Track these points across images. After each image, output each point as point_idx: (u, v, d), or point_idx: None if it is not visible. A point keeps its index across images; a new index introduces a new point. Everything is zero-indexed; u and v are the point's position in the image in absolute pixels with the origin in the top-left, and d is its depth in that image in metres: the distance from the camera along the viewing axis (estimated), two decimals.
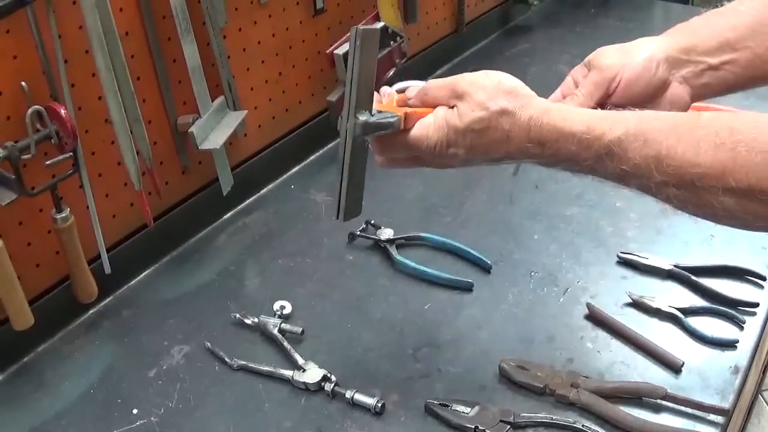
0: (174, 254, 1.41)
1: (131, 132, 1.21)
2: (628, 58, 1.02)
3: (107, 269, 1.26)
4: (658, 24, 2.11)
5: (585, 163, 0.89)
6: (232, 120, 1.38)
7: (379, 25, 1.55)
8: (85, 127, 1.20)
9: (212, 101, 1.36)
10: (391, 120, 0.94)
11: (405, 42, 1.66)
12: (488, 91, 0.92)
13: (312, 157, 1.64)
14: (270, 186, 1.56)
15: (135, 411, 1.12)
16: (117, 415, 1.11)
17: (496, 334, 1.19)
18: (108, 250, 1.28)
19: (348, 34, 1.52)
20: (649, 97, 1.02)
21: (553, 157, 0.91)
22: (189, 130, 1.30)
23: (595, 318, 1.21)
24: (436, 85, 0.97)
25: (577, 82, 1.06)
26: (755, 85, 1.05)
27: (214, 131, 1.35)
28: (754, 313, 1.21)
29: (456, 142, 0.94)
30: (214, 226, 1.47)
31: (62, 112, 1.11)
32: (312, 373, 1.13)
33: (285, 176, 1.59)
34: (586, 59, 1.06)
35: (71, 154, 1.15)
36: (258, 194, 1.54)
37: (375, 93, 0.98)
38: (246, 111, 1.40)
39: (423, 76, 1.86)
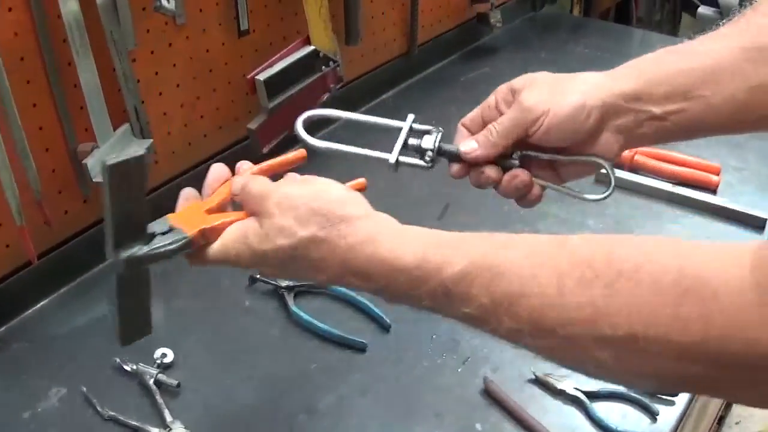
0: (72, 285, 1.39)
1: (10, 164, 1.20)
2: (556, 98, 0.91)
3: None
4: (633, 55, 2.05)
5: (422, 303, 0.77)
6: (135, 149, 1.35)
7: (143, 150, 1.29)
8: None
9: (119, 127, 1.34)
10: (173, 247, 0.85)
11: (341, 66, 1.62)
12: (299, 212, 0.80)
13: None
14: None
15: None
16: None
17: (380, 405, 1.17)
18: (3, 279, 1.29)
19: (272, 59, 1.50)
20: (572, 146, 0.93)
21: (383, 291, 0.80)
22: (83, 162, 1.28)
23: (492, 395, 1.18)
24: (252, 191, 0.86)
25: (499, 108, 0.96)
26: (699, 136, 0.94)
27: None
28: (672, 403, 1.17)
29: (259, 264, 0.84)
30: None
31: None
32: None
33: None
34: (515, 82, 0.95)
35: None
36: None
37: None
38: (151, 140, 1.37)
39: (368, 101, 1.86)
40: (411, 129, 1.01)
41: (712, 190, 1.63)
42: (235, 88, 1.54)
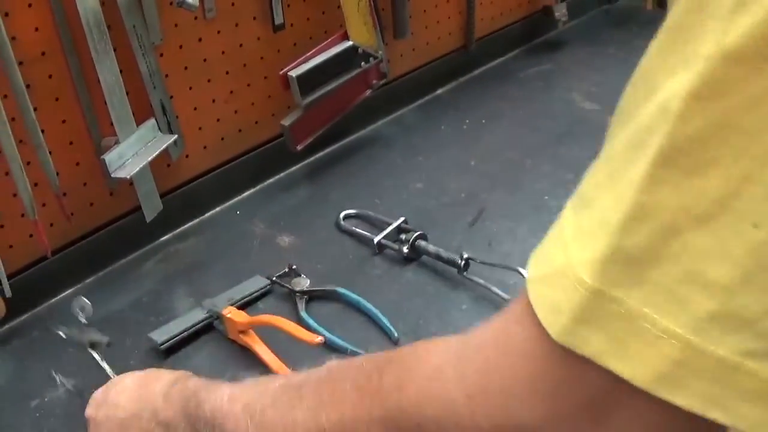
0: (100, 275, 1.38)
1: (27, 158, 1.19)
2: None
3: (8, 293, 1.24)
4: None
5: None
6: (158, 144, 1.32)
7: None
8: None
9: (144, 122, 1.31)
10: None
11: (384, 61, 1.55)
12: None
13: (267, 182, 1.57)
14: (217, 209, 1.51)
15: None
16: None
17: None
18: (29, 267, 1.29)
19: (308, 54, 1.44)
20: None
21: None
22: (102, 157, 1.26)
23: None
24: None
25: None
26: None
27: (135, 157, 1.30)
28: None
29: None
30: (146, 249, 1.42)
31: None
32: None
33: (234, 200, 1.52)
34: None
35: None
36: (201, 217, 1.49)
37: None
38: (175, 135, 1.34)
39: (419, 96, 1.78)
40: None
41: None
42: (272, 84, 1.49)
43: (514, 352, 0.50)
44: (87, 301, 1.21)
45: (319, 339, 1.10)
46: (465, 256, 1.28)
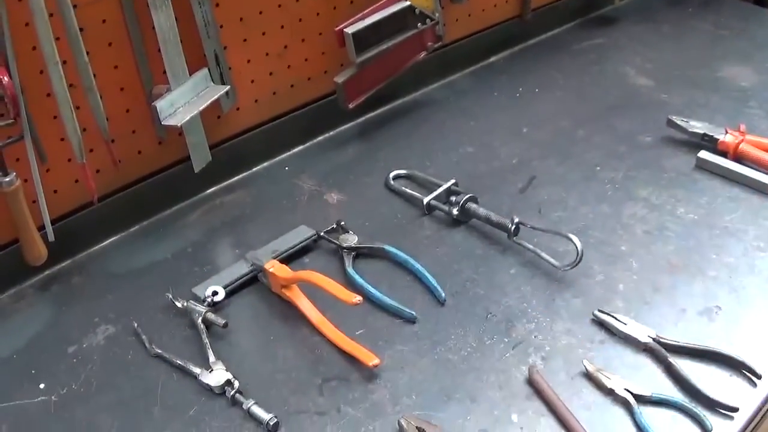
0: (144, 225, 1.33)
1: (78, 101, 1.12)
2: None
3: (51, 237, 1.18)
4: (758, 36, 1.77)
5: None
6: (210, 94, 1.25)
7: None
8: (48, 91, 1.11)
9: (196, 72, 1.24)
10: None
11: (440, 24, 1.46)
12: None
13: (317, 139, 1.50)
14: (264, 164, 1.44)
15: (42, 386, 1.05)
16: (25, 387, 1.06)
17: (417, 381, 1.02)
18: (73, 213, 1.24)
19: (365, 11, 1.36)
20: None
21: None
22: (153, 104, 1.19)
23: (534, 385, 1.01)
24: None
25: None
26: None
27: (186, 105, 1.23)
28: (730, 418, 0.96)
29: None
30: (192, 201, 1.37)
31: (4, 79, 1.03)
32: (217, 375, 1.04)
33: (282, 156, 1.46)
34: None
35: (12, 120, 1.07)
36: (249, 171, 1.43)
37: None
38: (227, 86, 1.27)
39: (475, 61, 1.69)
40: None
41: None
42: (327, 40, 1.41)
43: None
44: (222, 290, 1.15)
45: (357, 299, 1.03)
46: (516, 220, 1.20)
